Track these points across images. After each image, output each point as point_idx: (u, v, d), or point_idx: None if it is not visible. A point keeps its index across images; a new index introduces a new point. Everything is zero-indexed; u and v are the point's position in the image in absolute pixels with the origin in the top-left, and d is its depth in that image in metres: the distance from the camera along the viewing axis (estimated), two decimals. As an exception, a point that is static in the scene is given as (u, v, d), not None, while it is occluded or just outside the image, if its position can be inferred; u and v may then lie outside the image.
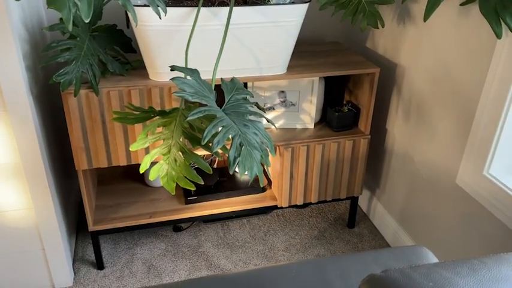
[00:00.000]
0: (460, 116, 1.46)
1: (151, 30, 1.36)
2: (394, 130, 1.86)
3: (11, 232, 1.54)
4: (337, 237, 2.00)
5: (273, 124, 1.31)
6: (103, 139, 1.52)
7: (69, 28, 0.83)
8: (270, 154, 1.23)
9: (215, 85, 1.27)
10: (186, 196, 1.82)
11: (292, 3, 1.46)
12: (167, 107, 1.51)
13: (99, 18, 1.46)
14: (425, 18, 1.27)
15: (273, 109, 1.81)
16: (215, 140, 1.08)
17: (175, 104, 1.52)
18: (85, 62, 1.39)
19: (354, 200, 2.00)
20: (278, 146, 1.71)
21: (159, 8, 1.18)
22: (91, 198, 1.73)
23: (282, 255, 1.89)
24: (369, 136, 1.79)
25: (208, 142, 1.09)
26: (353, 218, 2.04)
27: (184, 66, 1.28)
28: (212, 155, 2.02)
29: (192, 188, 1.27)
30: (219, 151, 1.20)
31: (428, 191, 1.67)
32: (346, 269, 1.04)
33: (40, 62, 1.36)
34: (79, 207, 2.10)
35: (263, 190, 1.89)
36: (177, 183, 1.28)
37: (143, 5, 1.32)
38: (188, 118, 1.07)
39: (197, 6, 1.32)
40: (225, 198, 1.85)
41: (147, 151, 1.53)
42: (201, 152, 1.63)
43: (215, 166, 2.08)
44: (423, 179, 1.69)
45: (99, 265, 1.79)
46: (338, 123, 1.79)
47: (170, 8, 1.32)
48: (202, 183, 1.24)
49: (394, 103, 1.83)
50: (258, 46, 1.49)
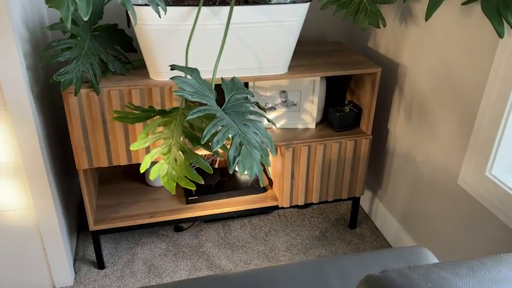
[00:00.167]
0: (462, 116, 1.45)
1: (151, 29, 1.36)
2: (396, 130, 1.85)
3: (12, 231, 1.54)
4: (338, 237, 2.00)
5: (274, 124, 1.31)
6: (103, 138, 1.52)
7: (67, 26, 0.83)
8: (270, 154, 1.23)
9: (216, 84, 1.26)
10: (187, 196, 1.82)
11: (293, 2, 1.45)
12: (168, 107, 1.51)
13: (100, 17, 1.46)
14: (426, 17, 1.26)
15: (274, 109, 1.81)
16: (215, 139, 1.08)
17: (176, 104, 1.51)
18: (86, 62, 1.39)
19: (356, 201, 1.99)
20: (279, 146, 1.71)
21: (159, 7, 1.17)
22: (92, 197, 1.73)
23: (283, 255, 1.89)
24: (371, 136, 1.78)
25: (208, 141, 1.09)
26: (355, 219, 2.03)
27: (184, 65, 1.28)
28: (213, 155, 2.02)
29: (193, 188, 1.26)
30: (219, 150, 1.20)
31: (430, 192, 1.66)
32: (345, 270, 1.04)
33: (41, 61, 1.36)
34: (80, 206, 2.10)
35: (264, 190, 1.89)
36: (178, 183, 1.27)
37: (144, 4, 1.32)
38: (188, 117, 1.06)
39: (198, 5, 1.31)
40: (226, 198, 1.85)
41: (148, 151, 1.53)
42: (202, 152, 1.63)
43: (216, 166, 2.08)
44: (425, 180, 1.69)
45: (99, 265, 1.79)
46: (340, 123, 1.79)
47: (171, 7, 1.32)
48: (202, 182, 1.24)
49: (396, 103, 1.83)
50: (259, 45, 1.49)
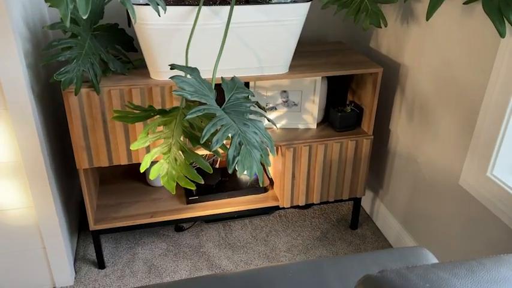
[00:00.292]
0: (464, 116, 1.44)
1: (152, 29, 1.36)
2: (398, 130, 1.84)
3: (12, 231, 1.55)
4: (339, 238, 1.99)
5: (274, 124, 1.30)
6: (104, 138, 1.51)
7: (66, 24, 0.83)
8: (270, 154, 1.22)
9: (216, 84, 1.26)
10: (188, 196, 1.82)
11: (294, 2, 1.45)
12: (168, 106, 1.51)
13: (100, 17, 1.46)
14: (427, 17, 1.26)
15: (275, 109, 1.80)
16: (214, 139, 1.07)
17: (176, 103, 1.51)
18: (86, 61, 1.39)
19: (357, 201, 1.98)
20: (280, 146, 1.70)
21: (159, 7, 1.17)
22: (92, 197, 1.73)
23: (284, 256, 1.88)
24: (372, 136, 1.77)
25: (207, 141, 1.09)
26: (356, 219, 2.02)
27: (184, 65, 1.28)
28: (214, 155, 2.02)
29: (193, 188, 1.26)
30: (219, 150, 1.19)
31: (431, 192, 1.66)
32: (344, 270, 1.03)
33: (41, 61, 1.36)
34: (80, 206, 2.10)
35: (265, 190, 1.88)
36: (178, 182, 1.27)
37: (144, 4, 1.32)
38: (187, 116, 1.06)
39: (198, 5, 1.31)
40: (227, 198, 1.84)
41: (148, 150, 1.53)
42: (203, 152, 1.63)
43: (217, 166, 2.07)
44: (426, 180, 1.68)
45: (100, 264, 1.79)
46: (341, 123, 1.78)
47: (171, 7, 1.32)
48: (202, 182, 1.23)
49: (397, 103, 1.82)
50: (260, 45, 1.48)
